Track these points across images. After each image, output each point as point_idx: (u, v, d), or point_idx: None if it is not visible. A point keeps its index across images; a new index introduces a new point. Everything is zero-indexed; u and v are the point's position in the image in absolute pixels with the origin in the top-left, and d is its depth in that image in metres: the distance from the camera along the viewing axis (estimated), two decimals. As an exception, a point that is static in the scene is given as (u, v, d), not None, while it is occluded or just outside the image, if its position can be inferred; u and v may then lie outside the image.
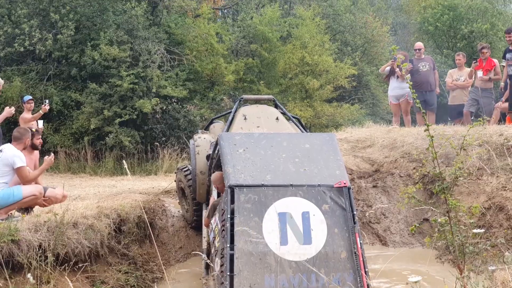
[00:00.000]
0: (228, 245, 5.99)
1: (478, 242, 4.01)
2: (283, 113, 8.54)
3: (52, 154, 7.43)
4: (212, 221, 6.98)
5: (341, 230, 6.25)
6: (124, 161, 6.11)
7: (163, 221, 8.67)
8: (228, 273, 5.86)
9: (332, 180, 6.50)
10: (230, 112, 8.58)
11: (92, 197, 8.96)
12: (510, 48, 10.71)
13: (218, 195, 7.39)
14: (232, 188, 6.27)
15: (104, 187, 11.22)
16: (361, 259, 6.10)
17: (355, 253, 6.12)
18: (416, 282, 3.78)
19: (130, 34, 16.24)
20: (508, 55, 10.74)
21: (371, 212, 9.13)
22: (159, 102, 15.64)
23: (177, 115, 16.54)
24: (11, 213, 6.82)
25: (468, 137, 4.44)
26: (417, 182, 8.91)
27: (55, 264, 6.15)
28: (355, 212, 6.36)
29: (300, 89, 19.84)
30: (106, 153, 15.31)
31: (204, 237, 7.77)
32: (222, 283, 6.01)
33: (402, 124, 12.72)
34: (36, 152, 7.92)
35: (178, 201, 9.39)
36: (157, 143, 15.50)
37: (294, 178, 6.50)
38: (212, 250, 6.83)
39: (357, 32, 24.35)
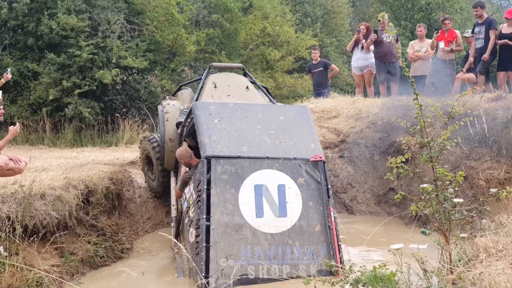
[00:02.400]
0: (205, 216, 6.01)
1: (462, 210, 4.09)
2: (253, 82, 8.54)
3: (18, 124, 7.20)
4: (186, 191, 6.95)
5: (315, 203, 6.37)
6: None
7: (130, 192, 8.57)
8: (204, 244, 5.90)
9: (307, 154, 6.59)
10: (199, 79, 8.54)
11: (56, 168, 8.75)
12: (479, 21, 10.87)
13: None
14: (208, 159, 6.26)
15: (66, 158, 10.99)
16: (335, 232, 6.23)
17: (329, 226, 6.25)
18: (398, 249, 3.83)
19: (88, 3, 15.82)
20: (476, 29, 10.91)
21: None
22: (119, 73, 15.38)
23: (137, 86, 16.28)
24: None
25: (456, 106, 4.48)
26: (383, 152, 9.07)
27: (23, 235, 6.03)
28: (329, 186, 6.46)
29: (261, 60, 19.79)
30: (65, 125, 15.01)
31: (173, 205, 7.76)
32: (198, 253, 6.04)
33: (365, 95, 12.84)
34: None
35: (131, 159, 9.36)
36: (118, 115, 15.25)
37: (270, 150, 6.54)
38: (186, 220, 6.83)
39: (317, 3, 24.34)
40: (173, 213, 7.68)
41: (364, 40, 12.28)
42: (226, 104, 7.21)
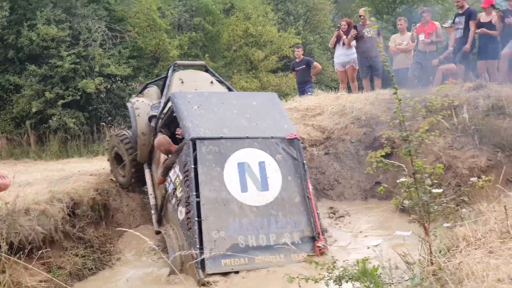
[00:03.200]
0: (194, 193, 6.53)
1: (441, 201, 4.10)
2: (218, 80, 9.08)
3: (1, 139, 7.16)
4: (171, 174, 7.32)
5: (294, 177, 7.01)
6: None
7: (117, 201, 8.53)
8: (196, 219, 6.38)
9: (282, 133, 7.25)
10: (164, 77, 9.10)
11: (41, 182, 8.70)
12: (460, 11, 10.92)
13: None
14: (194, 140, 6.81)
15: (51, 171, 10.91)
16: (313, 202, 6.88)
17: (307, 197, 6.90)
18: (376, 245, 3.84)
19: (68, 12, 15.75)
20: (457, 19, 10.97)
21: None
22: (102, 81, 15.31)
23: (122, 93, 16.25)
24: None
25: (435, 100, 4.50)
26: (368, 147, 9.08)
27: (9, 252, 5.98)
28: (305, 161, 7.15)
29: (245, 61, 19.77)
30: (50, 136, 14.92)
31: (151, 194, 8.19)
32: (190, 228, 6.48)
33: (349, 90, 12.86)
34: None
35: (111, 170, 9.41)
36: (103, 123, 15.17)
37: (248, 131, 7.16)
38: (173, 201, 7.20)
39: (299, 1, 24.33)
40: (152, 201, 8.13)
41: (345, 36, 12.30)
42: (202, 93, 7.86)
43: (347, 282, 3.67)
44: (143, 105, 8.79)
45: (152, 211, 8.04)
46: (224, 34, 19.65)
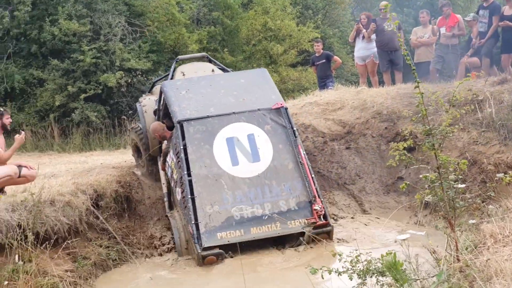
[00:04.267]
0: (185, 172, 6.72)
1: (466, 197, 4.08)
2: (220, 68, 9.28)
3: (23, 132, 7.27)
4: (168, 159, 7.59)
5: (285, 145, 7.13)
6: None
7: (139, 194, 8.61)
8: (190, 196, 6.57)
9: (269, 104, 7.40)
10: (168, 74, 9.33)
11: (65, 174, 8.81)
12: (484, 5, 10.82)
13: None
14: (181, 123, 7.05)
15: (75, 163, 11.05)
16: (307, 167, 6.95)
17: (300, 163, 6.97)
18: (404, 240, 3.83)
19: (89, 8, 15.86)
20: (480, 12, 10.86)
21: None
22: (123, 75, 15.41)
23: (142, 87, 16.29)
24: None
25: (459, 92, 4.46)
26: (390, 141, 9.04)
27: (35, 242, 6.08)
28: (294, 128, 7.25)
29: (264, 55, 19.72)
30: (73, 130, 15.08)
31: (164, 183, 8.36)
32: (186, 206, 6.65)
33: (369, 85, 12.80)
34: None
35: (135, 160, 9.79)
36: (124, 117, 15.29)
37: (235, 107, 7.33)
38: (172, 184, 7.43)
39: (318, -5, 24.21)
40: (164, 189, 8.33)
41: (364, 30, 12.24)
42: (191, 78, 8.10)
43: (371, 276, 3.66)
44: (149, 102, 9.15)
45: (165, 198, 8.27)
46: (243, 28, 19.62)
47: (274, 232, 6.51)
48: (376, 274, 3.54)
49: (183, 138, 6.95)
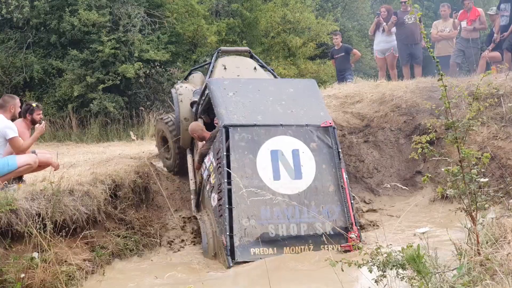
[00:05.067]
0: (226, 180, 6.54)
1: (487, 191, 4.03)
2: (260, 65, 9.03)
3: (44, 122, 7.31)
4: (206, 160, 7.38)
5: (328, 166, 6.90)
6: (131, 133, 6.14)
7: (157, 184, 8.64)
8: (227, 206, 6.41)
9: (318, 121, 7.14)
10: (209, 63, 9.10)
11: (83, 164, 8.87)
12: (505, -3, 10.71)
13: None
14: (227, 127, 6.82)
15: (93, 153, 11.12)
16: (347, 192, 6.75)
17: (341, 186, 6.77)
18: (424, 233, 3.80)
19: (108, -2, 15.91)
20: (502, 6, 10.72)
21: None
22: (142, 66, 15.43)
23: (160, 78, 16.34)
24: (5, 183, 6.75)
25: (481, 86, 4.42)
26: (408, 135, 8.99)
27: (54, 231, 6.14)
28: (340, 150, 7.02)
29: (283, 48, 19.64)
30: (91, 120, 15.16)
31: (191, 179, 8.23)
32: (221, 215, 6.50)
33: (388, 78, 12.72)
34: None
35: (158, 152, 9.76)
36: (142, 108, 15.32)
37: (283, 118, 7.09)
38: (207, 187, 7.26)
39: (337, -13, 24.09)
40: (192, 186, 8.19)
41: (385, 23, 12.16)
42: (238, 79, 7.86)
43: (391, 269, 3.63)
44: (186, 91, 8.86)
45: (192, 196, 8.15)
46: (262, 20, 19.55)
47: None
48: (396, 267, 3.51)
49: (227, 144, 6.75)
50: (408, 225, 7.18)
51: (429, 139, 4.30)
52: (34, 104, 7.40)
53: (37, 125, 7.18)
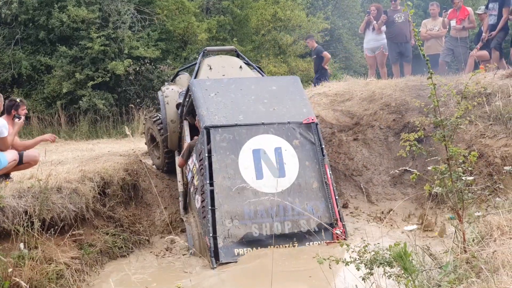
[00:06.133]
0: (208, 182, 6.53)
1: (473, 189, 4.06)
2: (246, 63, 8.97)
3: (22, 117, 7.23)
4: (189, 162, 7.38)
5: (311, 162, 6.89)
6: (126, 128, 6.13)
7: (146, 182, 8.61)
8: (210, 207, 6.39)
9: (300, 117, 7.13)
10: (195, 64, 9.00)
11: (72, 161, 8.82)
12: (493, -4, 10.75)
13: (191, 139, 7.77)
14: (207, 129, 6.82)
15: (82, 151, 11.06)
16: (332, 188, 6.74)
17: (325, 183, 6.77)
18: (411, 230, 3.82)
19: (98, -5, 15.82)
20: (490, 5, 10.77)
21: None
22: (131, 63, 15.40)
23: (150, 75, 16.31)
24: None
25: (470, 85, 4.44)
26: (397, 133, 9.02)
27: (41, 229, 6.09)
28: (323, 146, 7.01)
29: (273, 45, 19.67)
30: (80, 117, 15.08)
31: (180, 181, 8.19)
32: (205, 217, 6.50)
33: (378, 76, 12.76)
34: None
35: (147, 150, 9.75)
36: (132, 105, 15.28)
37: (265, 117, 7.08)
38: (192, 189, 7.23)
39: (328, -14, 24.15)
40: (180, 188, 8.16)
41: (375, 22, 12.19)
42: (220, 79, 7.81)
43: (378, 266, 3.64)
44: (172, 93, 8.88)
45: (180, 198, 8.14)
46: (253, 18, 19.56)
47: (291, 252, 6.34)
48: (383, 264, 3.53)
49: (209, 145, 6.75)
50: (397, 222, 7.20)
51: (417, 137, 4.31)
52: (18, 100, 7.34)
53: (16, 120, 7.12)
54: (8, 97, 15.17)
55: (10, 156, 6.76)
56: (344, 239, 6.40)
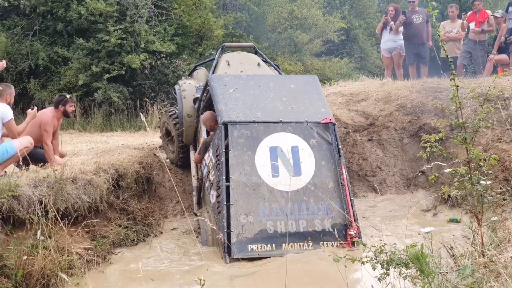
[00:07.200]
0: (224, 177, 6.54)
1: (491, 193, 4.02)
2: (264, 60, 8.97)
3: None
4: (206, 157, 7.36)
5: (328, 162, 6.89)
6: (141, 115, 6.09)
7: (160, 176, 8.64)
8: (225, 203, 6.41)
9: (318, 117, 7.11)
10: (213, 59, 9.02)
11: (86, 152, 8.87)
12: (514, 0, 10.67)
13: (207, 134, 7.75)
14: (225, 124, 6.83)
15: (96, 143, 11.12)
16: (347, 189, 6.73)
17: (341, 183, 6.75)
18: (428, 232, 3.78)
19: (116, -12, 15.86)
20: (510, 8, 10.68)
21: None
22: (147, 57, 15.41)
23: (166, 70, 16.33)
24: (5, 171, 6.76)
25: (492, 88, 4.41)
26: (413, 135, 8.97)
27: (55, 219, 6.12)
28: (340, 146, 7.00)
29: (289, 43, 19.64)
30: (95, 109, 15.12)
31: (194, 176, 8.21)
32: (219, 212, 6.52)
33: (394, 77, 12.70)
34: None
35: (162, 144, 9.79)
36: (146, 99, 15.32)
37: (283, 115, 7.08)
38: (207, 184, 7.25)
39: (345, -15, 24.04)
40: (194, 182, 8.17)
41: (392, 22, 12.12)
42: (239, 75, 7.81)
43: (394, 267, 3.62)
44: (189, 87, 8.87)
45: (194, 193, 8.13)
46: (269, 15, 19.55)
47: (305, 251, 6.35)
48: (399, 265, 3.50)
49: (226, 140, 6.75)
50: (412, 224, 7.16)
51: (438, 139, 4.29)
52: (68, 96, 7.42)
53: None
54: (25, 87, 15.46)
55: (18, 143, 6.76)
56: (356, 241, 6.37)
